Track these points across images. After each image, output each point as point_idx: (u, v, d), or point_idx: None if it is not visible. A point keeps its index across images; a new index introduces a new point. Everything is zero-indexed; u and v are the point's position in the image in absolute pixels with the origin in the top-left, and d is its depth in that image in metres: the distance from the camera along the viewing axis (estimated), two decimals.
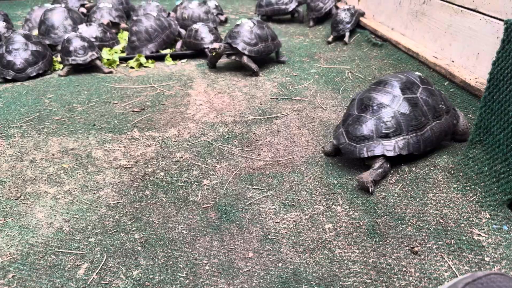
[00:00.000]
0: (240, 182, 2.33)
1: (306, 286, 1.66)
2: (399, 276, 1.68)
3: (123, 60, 4.25)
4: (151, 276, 1.72)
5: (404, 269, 1.71)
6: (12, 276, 1.73)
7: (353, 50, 4.42)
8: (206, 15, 5.02)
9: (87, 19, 5.08)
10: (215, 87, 3.64)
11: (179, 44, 4.57)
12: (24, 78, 3.82)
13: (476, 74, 3.09)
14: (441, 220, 1.95)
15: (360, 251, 1.82)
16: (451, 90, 3.14)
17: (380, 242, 1.86)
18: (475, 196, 2.05)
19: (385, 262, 1.75)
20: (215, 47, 3.78)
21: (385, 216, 2.01)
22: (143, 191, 2.27)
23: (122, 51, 4.46)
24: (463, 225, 1.91)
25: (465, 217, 1.96)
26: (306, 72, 3.92)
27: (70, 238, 1.94)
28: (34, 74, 3.85)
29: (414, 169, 2.33)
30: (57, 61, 4.19)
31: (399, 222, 1.97)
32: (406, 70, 2.68)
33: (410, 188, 2.19)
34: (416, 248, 1.80)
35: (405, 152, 2.28)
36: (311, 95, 3.42)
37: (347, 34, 4.63)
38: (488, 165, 2.07)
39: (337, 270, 1.73)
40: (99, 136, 2.84)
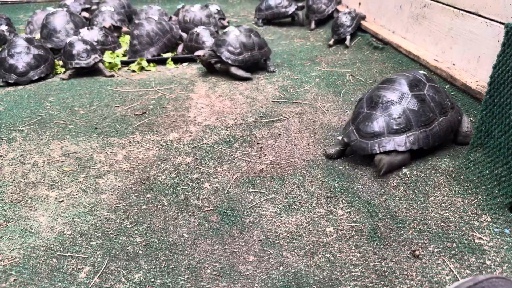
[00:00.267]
0: (241, 186, 2.33)
1: None
2: (401, 279, 1.68)
3: (125, 63, 4.27)
4: (152, 279, 1.73)
5: (405, 272, 1.71)
6: (14, 279, 1.73)
7: (354, 53, 4.43)
8: (207, 19, 5.03)
9: (89, 23, 5.10)
10: (216, 90, 3.65)
11: (180, 48, 4.58)
12: (26, 82, 3.83)
13: (477, 77, 3.09)
14: (442, 224, 1.95)
15: (362, 254, 1.82)
16: (452, 94, 3.14)
17: (382, 246, 1.86)
18: (476, 200, 2.05)
19: (386, 265, 1.75)
20: (200, 54, 3.79)
21: (386, 220, 2.01)
22: (145, 194, 2.28)
23: (124, 55, 4.48)
24: (464, 228, 1.91)
25: (466, 220, 1.96)
26: (307, 75, 3.93)
27: (71, 242, 1.94)
28: (36, 77, 3.86)
29: (415, 172, 2.33)
30: (59, 64, 4.20)
31: (400, 225, 1.97)
32: (411, 69, 2.71)
33: (411, 192, 2.19)
34: (417, 252, 1.80)
35: (415, 147, 2.34)
36: (312, 98, 3.42)
37: (348, 38, 4.64)
38: (489, 168, 2.07)
39: (338, 274, 1.73)
40: (101, 140, 2.84)
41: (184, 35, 4.74)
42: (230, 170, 2.48)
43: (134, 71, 4.15)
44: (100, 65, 4.03)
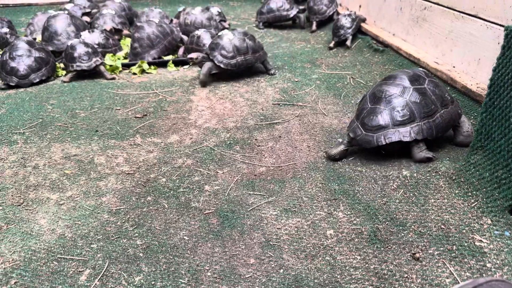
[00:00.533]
0: (242, 188, 2.33)
1: None
2: (401, 282, 1.68)
3: (126, 66, 4.28)
4: (152, 282, 1.73)
5: (405, 275, 1.71)
6: (15, 282, 1.74)
7: (354, 56, 4.44)
8: (208, 22, 5.05)
9: (90, 26, 5.11)
10: (217, 93, 3.66)
11: (181, 50, 4.60)
12: (27, 85, 3.85)
13: (477, 80, 3.10)
14: (442, 226, 1.95)
15: (362, 257, 1.82)
16: (453, 96, 3.14)
17: (382, 248, 1.86)
18: (476, 202, 2.05)
19: (386, 268, 1.75)
20: (193, 57, 3.81)
21: (386, 222, 2.01)
22: (145, 197, 2.28)
23: (125, 57, 4.49)
24: (464, 231, 1.91)
25: (466, 223, 1.96)
26: (308, 77, 3.93)
27: (72, 244, 1.94)
28: (37, 80, 3.88)
29: (415, 174, 2.33)
30: (60, 67, 4.22)
31: (400, 228, 1.97)
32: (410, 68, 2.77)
33: (411, 194, 2.19)
34: (417, 254, 1.80)
35: (420, 137, 2.41)
36: (313, 101, 3.43)
37: (350, 38, 4.66)
38: (489, 171, 2.07)
39: (338, 277, 1.73)
40: (102, 142, 2.85)
41: (185, 37, 4.75)
42: (231, 173, 2.48)
43: (135, 73, 4.16)
44: (101, 67, 4.04)
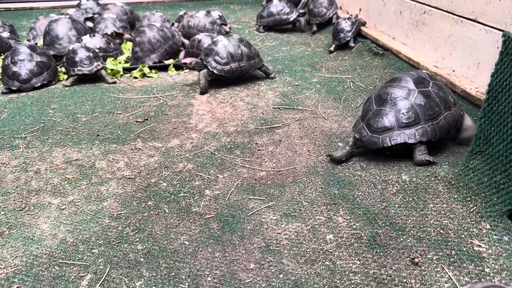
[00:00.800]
0: (242, 193, 2.35)
1: None
2: (400, 287, 1.69)
3: (127, 70, 4.30)
4: (153, 287, 1.74)
5: (404, 280, 1.72)
6: (17, 287, 1.75)
7: (354, 59, 4.45)
8: (211, 25, 5.07)
9: (91, 30, 5.14)
10: (217, 97, 3.68)
11: (182, 54, 4.61)
12: (29, 89, 3.87)
13: (477, 84, 3.11)
14: (441, 231, 1.96)
15: (361, 262, 1.83)
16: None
17: (381, 253, 1.87)
18: (475, 207, 2.06)
19: (385, 273, 1.76)
20: (187, 62, 3.83)
21: (386, 227, 2.02)
22: (146, 201, 2.30)
23: (126, 61, 4.51)
24: (463, 236, 1.93)
25: (465, 227, 1.97)
26: (308, 81, 3.95)
27: (74, 249, 1.96)
28: (39, 84, 3.90)
29: (414, 179, 2.35)
30: (61, 71, 4.24)
31: (399, 233, 1.98)
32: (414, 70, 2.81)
33: (410, 199, 2.20)
34: (416, 259, 1.81)
35: (424, 139, 2.47)
36: (313, 105, 3.44)
37: (351, 39, 4.70)
38: (488, 175, 2.08)
39: (338, 282, 1.74)
40: (103, 147, 2.87)
41: (186, 41, 4.77)
42: (231, 177, 2.50)
43: (136, 77, 4.18)
44: (103, 72, 4.06)
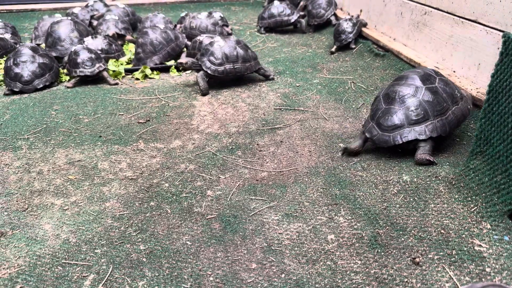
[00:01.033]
0: (244, 193, 2.36)
1: None
2: (401, 287, 1.70)
3: (129, 71, 4.31)
4: (156, 287, 1.75)
5: (405, 280, 1.73)
6: (20, 287, 1.76)
7: (355, 60, 4.46)
8: (213, 27, 5.09)
9: (93, 32, 5.15)
10: (219, 98, 3.69)
11: (183, 56, 4.63)
12: (31, 90, 3.88)
13: (478, 85, 3.12)
14: (442, 231, 1.97)
15: (362, 262, 1.84)
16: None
17: (382, 253, 1.88)
18: (476, 207, 2.07)
19: (387, 273, 1.77)
20: (182, 62, 3.87)
21: (387, 227, 2.03)
22: (148, 202, 2.31)
23: (128, 63, 4.53)
24: (464, 235, 1.93)
25: (466, 227, 1.98)
26: (309, 82, 3.96)
27: (76, 250, 1.97)
28: (41, 86, 3.92)
29: (415, 179, 2.36)
30: (63, 73, 4.26)
31: (400, 232, 1.99)
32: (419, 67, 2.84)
33: (411, 199, 2.21)
34: (417, 259, 1.82)
35: (435, 134, 2.50)
36: (314, 106, 3.46)
37: (353, 41, 4.72)
38: (488, 176, 2.09)
39: (339, 281, 1.75)
40: (105, 148, 2.88)
41: (188, 43, 4.78)
42: (233, 178, 2.51)
43: (138, 79, 4.20)
44: (105, 73, 4.08)
